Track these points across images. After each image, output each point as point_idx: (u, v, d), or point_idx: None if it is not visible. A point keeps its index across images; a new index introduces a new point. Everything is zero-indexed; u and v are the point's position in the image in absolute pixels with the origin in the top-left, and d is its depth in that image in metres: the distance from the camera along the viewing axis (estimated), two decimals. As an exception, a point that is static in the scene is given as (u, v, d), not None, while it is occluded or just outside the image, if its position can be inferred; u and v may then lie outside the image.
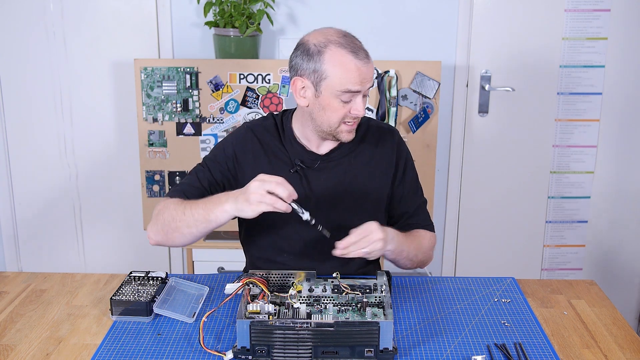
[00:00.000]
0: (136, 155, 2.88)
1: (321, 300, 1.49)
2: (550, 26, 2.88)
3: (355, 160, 1.73)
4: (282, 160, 1.72)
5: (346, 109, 1.60)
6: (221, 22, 2.65)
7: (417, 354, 1.40)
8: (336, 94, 1.58)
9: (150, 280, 1.61)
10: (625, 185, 3.07)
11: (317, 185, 1.71)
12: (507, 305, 1.60)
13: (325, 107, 1.61)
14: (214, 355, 1.38)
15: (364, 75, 1.56)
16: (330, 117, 1.62)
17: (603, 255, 3.17)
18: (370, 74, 1.59)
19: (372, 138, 1.76)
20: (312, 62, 1.58)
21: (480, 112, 2.98)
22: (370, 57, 1.59)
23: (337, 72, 1.56)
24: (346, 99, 1.58)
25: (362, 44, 1.60)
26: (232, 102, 2.70)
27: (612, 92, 2.96)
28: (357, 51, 1.56)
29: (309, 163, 1.71)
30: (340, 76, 1.56)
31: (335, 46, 1.56)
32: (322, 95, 1.59)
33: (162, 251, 3.11)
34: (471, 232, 3.12)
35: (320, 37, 1.59)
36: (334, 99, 1.59)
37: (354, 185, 1.73)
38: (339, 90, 1.57)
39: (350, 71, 1.55)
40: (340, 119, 1.61)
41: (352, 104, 1.59)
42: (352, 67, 1.55)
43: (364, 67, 1.56)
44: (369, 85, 1.59)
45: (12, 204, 3.06)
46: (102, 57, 2.90)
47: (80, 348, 1.43)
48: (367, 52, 1.59)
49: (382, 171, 1.75)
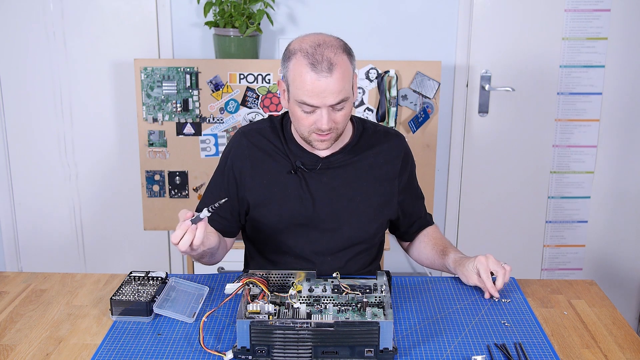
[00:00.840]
0: (136, 155, 2.88)
1: (321, 300, 1.49)
2: (550, 26, 2.88)
3: (358, 165, 1.72)
4: (281, 162, 1.71)
5: (310, 120, 1.55)
6: (221, 22, 2.65)
7: (417, 354, 1.40)
8: (296, 103, 1.55)
9: (150, 280, 1.61)
10: (625, 185, 3.07)
11: (316, 188, 1.70)
12: (507, 305, 1.60)
13: (292, 113, 1.60)
14: (214, 355, 1.38)
15: (319, 90, 1.49)
16: (297, 124, 1.60)
17: (603, 255, 3.17)
18: (333, 89, 1.49)
19: (378, 143, 1.75)
20: (284, 67, 1.57)
21: (480, 112, 2.98)
22: (336, 71, 1.49)
23: (295, 82, 1.52)
24: (307, 109, 1.54)
25: (335, 56, 1.50)
26: (232, 102, 2.70)
27: (612, 92, 2.96)
28: (317, 64, 1.48)
29: (309, 165, 1.70)
30: (296, 86, 1.52)
31: (300, 55, 1.51)
32: (290, 101, 1.58)
33: (162, 251, 3.11)
34: (471, 232, 3.12)
35: (297, 44, 1.55)
36: (297, 108, 1.56)
37: (355, 189, 1.71)
38: (297, 100, 1.53)
39: (304, 83, 1.50)
40: (308, 128, 1.57)
41: (315, 116, 1.55)
42: (307, 79, 1.49)
43: (320, 82, 1.48)
44: (330, 100, 1.50)
45: (12, 204, 3.06)
46: (102, 57, 2.90)
47: (80, 348, 1.43)
48: (336, 64, 1.49)
49: (386, 177, 1.74)
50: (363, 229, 1.74)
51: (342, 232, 1.72)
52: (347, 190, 1.71)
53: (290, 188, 1.70)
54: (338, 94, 1.51)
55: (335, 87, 1.50)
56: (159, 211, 2.79)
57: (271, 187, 1.70)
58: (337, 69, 1.50)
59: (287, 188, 1.70)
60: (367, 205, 1.73)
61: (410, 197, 1.81)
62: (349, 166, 1.71)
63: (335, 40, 1.55)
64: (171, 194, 2.78)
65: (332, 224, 1.71)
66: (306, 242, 1.72)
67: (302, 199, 1.69)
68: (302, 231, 1.71)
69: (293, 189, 1.70)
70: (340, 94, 1.51)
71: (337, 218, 1.71)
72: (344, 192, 1.71)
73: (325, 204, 1.70)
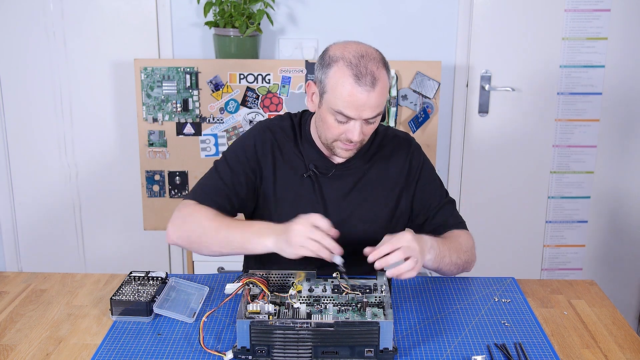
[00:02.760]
0: (136, 155, 2.88)
1: (321, 300, 1.49)
2: (550, 26, 2.88)
3: (369, 172, 1.71)
4: (296, 164, 1.69)
5: (341, 129, 1.55)
6: (221, 22, 2.65)
7: (417, 354, 1.40)
8: (331, 111, 1.54)
9: (150, 280, 1.61)
10: (625, 185, 3.07)
11: (329, 193, 1.69)
12: (507, 305, 1.60)
13: (323, 119, 1.58)
14: (214, 355, 1.38)
15: (359, 103, 1.49)
16: (325, 131, 1.59)
17: (603, 255, 3.17)
18: (372, 103, 1.49)
19: (387, 148, 1.73)
20: (322, 72, 1.55)
21: (480, 112, 2.98)
22: (378, 85, 1.49)
23: (334, 91, 1.51)
24: (341, 119, 1.53)
25: (378, 70, 1.50)
26: (232, 102, 2.70)
27: (612, 92, 2.96)
28: (360, 77, 1.47)
29: (323, 170, 1.69)
30: (335, 96, 1.51)
31: (343, 64, 1.49)
32: (322, 107, 1.57)
33: (162, 251, 3.11)
34: (471, 232, 3.11)
35: (338, 51, 1.53)
36: (330, 116, 1.55)
37: (366, 196, 1.70)
38: (333, 109, 1.53)
39: (345, 94, 1.49)
40: (335, 137, 1.57)
41: (348, 126, 1.54)
42: (348, 91, 1.48)
43: (361, 95, 1.48)
44: (367, 114, 1.51)
45: (12, 204, 3.06)
46: (102, 57, 2.90)
47: (80, 348, 1.43)
48: (379, 79, 1.49)
49: (394, 182, 1.72)
50: (372, 236, 1.73)
51: (351, 238, 1.72)
52: (358, 196, 1.70)
53: (302, 191, 1.69)
54: (376, 108, 1.52)
55: (375, 102, 1.50)
56: (159, 211, 2.80)
57: (285, 187, 1.69)
58: (379, 84, 1.50)
59: (299, 191, 1.68)
60: (378, 211, 1.72)
61: (423, 195, 1.74)
62: (361, 172, 1.70)
63: (376, 53, 1.55)
64: (171, 194, 2.78)
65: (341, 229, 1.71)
66: None
67: (313, 203, 1.68)
68: None
69: (305, 193, 1.69)
70: (377, 109, 1.52)
71: (347, 224, 1.70)
72: (355, 198, 1.70)
73: (336, 210, 1.69)
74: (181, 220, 1.58)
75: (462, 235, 1.72)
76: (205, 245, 1.56)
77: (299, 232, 1.41)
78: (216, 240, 1.54)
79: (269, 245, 1.47)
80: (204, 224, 1.55)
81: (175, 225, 1.59)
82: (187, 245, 1.59)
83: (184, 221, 1.58)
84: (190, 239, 1.57)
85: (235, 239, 1.51)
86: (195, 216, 1.57)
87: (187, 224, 1.57)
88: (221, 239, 1.53)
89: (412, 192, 1.74)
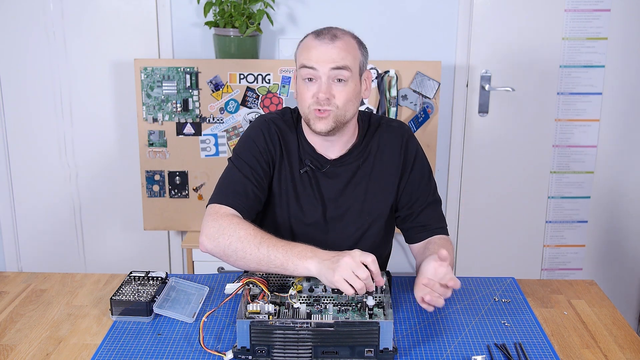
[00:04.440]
0: (136, 155, 2.88)
1: (321, 300, 1.49)
2: (550, 26, 2.88)
3: (364, 164, 1.71)
4: (294, 159, 1.70)
5: (311, 91, 1.59)
6: (221, 22, 2.65)
7: (417, 354, 1.40)
8: (300, 75, 1.61)
9: (150, 280, 1.61)
10: (625, 185, 3.07)
11: (326, 188, 1.69)
12: (507, 305, 1.60)
13: (298, 90, 1.64)
14: (214, 355, 1.38)
15: (319, 54, 1.56)
16: (301, 102, 1.62)
17: (603, 255, 3.17)
18: (332, 55, 1.56)
19: (381, 138, 1.72)
20: (296, 53, 1.66)
21: (480, 112, 2.98)
22: (339, 41, 1.57)
23: (300, 55, 1.61)
24: (307, 75, 1.58)
25: (341, 33, 1.60)
26: (232, 102, 2.70)
27: (612, 92, 2.96)
28: (320, 34, 1.59)
29: (318, 165, 1.69)
30: (300, 55, 1.61)
31: (309, 35, 1.62)
32: (297, 80, 1.64)
33: (162, 251, 3.11)
34: (471, 232, 3.12)
35: None
36: (301, 82, 1.61)
37: (363, 189, 1.70)
38: (299, 66, 1.60)
39: (306, 48, 1.59)
40: (308, 103, 1.59)
41: (316, 85, 1.58)
42: (309, 44, 1.59)
43: (322, 47, 1.57)
44: (328, 65, 1.56)
45: (12, 204, 3.06)
46: (102, 57, 2.90)
47: (80, 348, 1.43)
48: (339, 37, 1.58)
49: (389, 172, 1.71)
50: (371, 230, 1.73)
51: (349, 233, 1.72)
52: (355, 190, 1.70)
53: (301, 186, 1.69)
54: (337, 61, 1.57)
55: (335, 54, 1.57)
56: (159, 211, 2.79)
57: (286, 182, 1.69)
58: (340, 40, 1.59)
59: (298, 186, 1.69)
60: (376, 204, 1.71)
61: (412, 188, 1.72)
62: (356, 166, 1.70)
63: (347, 31, 1.64)
64: (171, 194, 2.78)
65: (339, 224, 1.71)
66: (311, 242, 1.70)
67: (311, 198, 1.69)
68: (309, 231, 1.70)
69: (304, 188, 1.69)
70: (338, 62, 1.57)
71: (345, 219, 1.70)
72: (352, 192, 1.70)
73: (334, 205, 1.69)
74: (217, 231, 1.53)
75: (446, 244, 1.68)
76: (242, 261, 1.51)
77: (348, 265, 1.38)
78: (256, 258, 1.49)
79: (312, 269, 1.43)
80: (243, 238, 1.50)
81: (210, 236, 1.53)
82: (221, 257, 1.54)
83: (221, 233, 1.52)
84: (226, 252, 1.52)
85: (277, 258, 1.47)
86: (234, 229, 1.52)
87: (224, 237, 1.51)
88: (262, 256, 1.48)
89: (404, 183, 1.72)
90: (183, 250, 3.09)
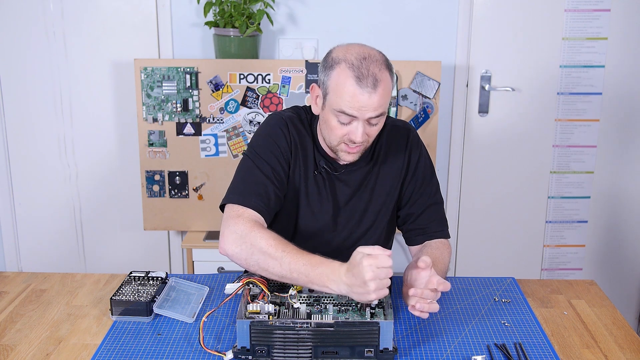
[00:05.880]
0: (136, 155, 2.88)
1: (321, 300, 1.49)
2: (550, 26, 2.88)
3: (374, 167, 1.71)
4: (309, 160, 1.68)
5: (344, 130, 1.55)
6: (221, 22, 2.65)
7: (417, 354, 1.40)
8: (334, 112, 1.54)
9: (150, 280, 1.61)
10: (625, 185, 3.07)
11: (339, 191, 1.70)
12: (507, 305, 1.60)
13: (326, 121, 1.58)
14: (214, 355, 1.38)
15: (361, 104, 1.50)
16: (329, 133, 1.59)
17: (603, 255, 3.17)
18: (374, 104, 1.50)
19: (387, 140, 1.73)
20: (324, 74, 1.56)
21: (480, 112, 2.98)
22: (380, 87, 1.50)
23: (337, 92, 1.52)
24: (344, 120, 1.53)
25: (380, 72, 1.51)
26: (232, 102, 2.70)
27: (612, 92, 2.96)
28: (362, 78, 1.49)
29: (332, 169, 1.69)
30: (337, 96, 1.51)
31: (345, 66, 1.50)
32: (325, 109, 1.57)
33: (162, 251, 3.11)
34: (471, 232, 3.12)
35: (341, 53, 1.54)
36: (332, 117, 1.55)
37: (374, 191, 1.71)
38: (335, 109, 1.53)
39: (346, 95, 1.50)
40: (339, 138, 1.57)
41: (350, 127, 1.54)
42: (350, 91, 1.49)
43: (363, 96, 1.49)
44: (369, 114, 1.51)
45: (12, 204, 3.06)
46: (102, 57, 2.90)
47: (80, 348, 1.43)
48: (380, 81, 1.50)
49: (393, 174, 1.72)
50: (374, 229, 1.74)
51: (361, 233, 1.72)
52: (366, 193, 1.71)
53: (314, 188, 1.69)
54: (378, 109, 1.52)
55: (377, 103, 1.51)
56: (159, 211, 2.80)
57: (300, 182, 1.68)
58: (381, 85, 1.50)
59: (312, 187, 1.69)
60: (386, 205, 1.72)
61: (414, 189, 1.73)
62: (367, 171, 1.71)
63: (379, 55, 1.55)
64: (171, 194, 2.78)
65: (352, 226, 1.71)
66: (320, 243, 1.69)
67: (324, 200, 1.69)
68: (316, 231, 1.70)
69: (317, 190, 1.69)
70: (379, 109, 1.52)
71: (358, 221, 1.70)
72: (364, 195, 1.70)
73: (347, 208, 1.70)
74: (239, 238, 1.50)
75: (441, 249, 1.67)
76: (264, 273, 1.48)
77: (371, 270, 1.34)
78: (278, 270, 1.46)
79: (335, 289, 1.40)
80: (265, 251, 1.47)
81: (231, 241, 1.51)
82: (242, 263, 1.52)
83: (243, 240, 1.49)
84: (248, 261, 1.49)
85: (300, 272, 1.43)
86: (255, 238, 1.49)
87: (246, 245, 1.49)
88: (284, 270, 1.45)
89: (407, 183, 1.73)
90: (183, 250, 3.09)
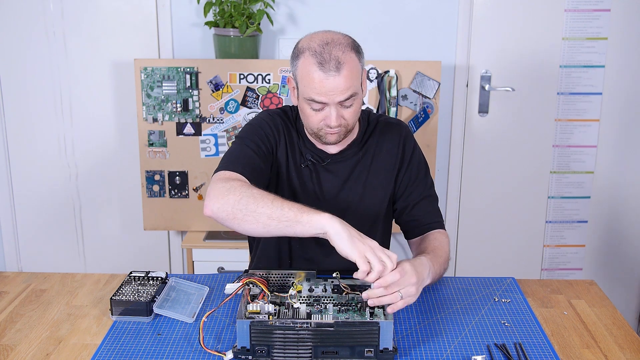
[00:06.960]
0: (136, 155, 2.88)
1: (321, 300, 1.49)
2: (550, 26, 2.88)
3: (363, 159, 1.72)
4: (296, 153, 1.71)
5: (319, 116, 1.57)
6: (221, 22, 2.65)
7: (417, 354, 1.40)
8: (305, 101, 1.56)
9: (150, 280, 1.61)
10: (625, 185, 3.07)
11: (326, 182, 1.71)
12: (507, 305, 1.60)
13: (302, 110, 1.61)
14: (214, 355, 1.38)
15: (327, 89, 1.51)
16: (307, 121, 1.61)
17: (603, 255, 3.17)
18: (340, 87, 1.51)
19: (379, 135, 1.75)
20: (293, 65, 1.59)
21: (480, 112, 2.98)
22: (344, 69, 1.50)
23: (304, 81, 1.54)
24: (316, 107, 1.55)
25: (343, 54, 1.51)
26: (232, 102, 2.70)
27: (612, 92, 2.96)
28: (324, 63, 1.50)
29: (319, 159, 1.70)
30: (305, 85, 1.54)
31: (308, 54, 1.52)
32: (299, 98, 1.60)
33: (162, 251, 3.11)
34: (471, 232, 3.12)
35: (305, 42, 1.56)
36: (306, 105, 1.57)
37: (363, 184, 1.72)
38: (306, 98, 1.55)
39: (312, 81, 1.52)
40: (317, 124, 1.59)
41: (325, 113, 1.56)
42: (315, 77, 1.51)
43: (328, 80, 1.50)
44: (338, 97, 1.52)
45: (12, 204, 3.06)
46: (102, 57, 2.90)
47: (80, 348, 1.43)
48: (344, 63, 1.50)
49: (387, 168, 1.74)
50: (371, 224, 1.74)
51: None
52: (355, 184, 1.72)
53: (302, 180, 1.70)
54: (346, 91, 1.53)
55: (343, 85, 1.52)
56: (159, 211, 2.80)
57: (287, 174, 1.70)
58: (345, 67, 1.51)
59: (299, 179, 1.70)
60: (375, 198, 1.73)
61: (408, 182, 1.74)
62: (355, 161, 1.72)
63: (344, 38, 1.56)
64: (171, 194, 2.78)
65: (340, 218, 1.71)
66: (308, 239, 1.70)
67: (311, 192, 1.70)
68: None
69: (304, 182, 1.70)
70: (347, 91, 1.53)
71: (346, 213, 1.70)
72: (352, 186, 1.71)
73: (334, 199, 1.70)
74: (225, 190, 1.46)
75: (439, 239, 1.68)
76: (252, 215, 1.42)
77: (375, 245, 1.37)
78: (268, 211, 1.40)
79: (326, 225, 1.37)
80: (255, 194, 1.44)
81: (216, 196, 1.46)
82: (227, 216, 1.45)
83: (230, 190, 1.46)
84: (234, 208, 1.43)
85: (291, 209, 1.40)
86: (245, 187, 1.46)
87: (235, 193, 1.44)
88: (274, 209, 1.40)
89: (401, 177, 1.75)
90: (183, 250, 3.09)
